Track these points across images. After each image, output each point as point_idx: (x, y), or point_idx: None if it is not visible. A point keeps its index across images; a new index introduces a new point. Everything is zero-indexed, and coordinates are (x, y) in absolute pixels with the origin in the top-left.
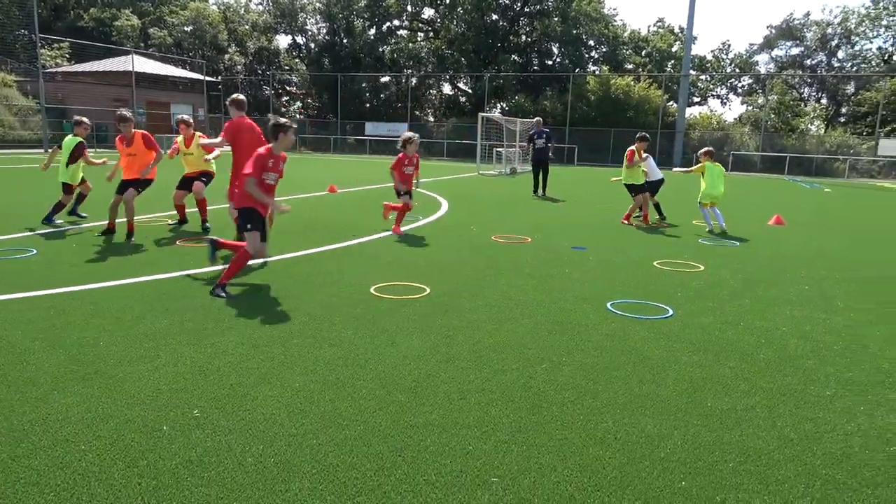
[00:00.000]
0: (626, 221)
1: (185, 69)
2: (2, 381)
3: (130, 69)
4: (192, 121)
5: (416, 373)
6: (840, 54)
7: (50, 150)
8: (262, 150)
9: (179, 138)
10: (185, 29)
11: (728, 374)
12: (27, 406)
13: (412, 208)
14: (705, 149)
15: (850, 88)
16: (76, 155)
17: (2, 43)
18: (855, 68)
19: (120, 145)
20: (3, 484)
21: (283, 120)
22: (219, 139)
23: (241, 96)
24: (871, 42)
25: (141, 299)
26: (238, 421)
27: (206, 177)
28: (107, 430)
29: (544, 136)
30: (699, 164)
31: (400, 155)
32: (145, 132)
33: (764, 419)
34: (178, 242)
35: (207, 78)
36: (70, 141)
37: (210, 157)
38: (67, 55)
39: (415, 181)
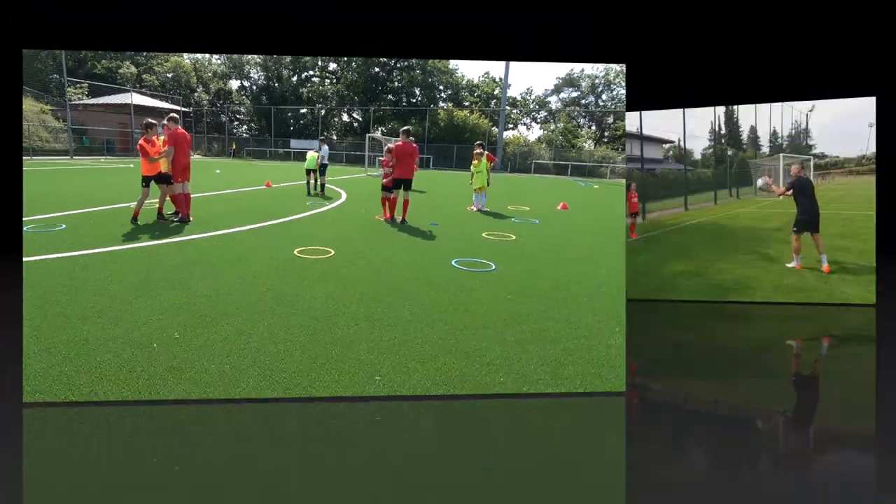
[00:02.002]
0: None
1: (168, 102)
2: (43, 317)
3: (130, 102)
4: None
5: (326, 307)
6: (604, 96)
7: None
8: None
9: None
10: (168, 75)
11: (532, 306)
12: (62, 332)
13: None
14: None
15: (610, 119)
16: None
17: (41, 84)
18: (614, 106)
19: (146, 146)
20: (42, 384)
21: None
22: (165, 147)
23: (176, 114)
24: (623, 88)
25: (142, 259)
26: (205, 341)
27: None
28: (115, 346)
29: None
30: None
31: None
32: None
33: (555, 335)
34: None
35: (183, 108)
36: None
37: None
38: (86, 92)
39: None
